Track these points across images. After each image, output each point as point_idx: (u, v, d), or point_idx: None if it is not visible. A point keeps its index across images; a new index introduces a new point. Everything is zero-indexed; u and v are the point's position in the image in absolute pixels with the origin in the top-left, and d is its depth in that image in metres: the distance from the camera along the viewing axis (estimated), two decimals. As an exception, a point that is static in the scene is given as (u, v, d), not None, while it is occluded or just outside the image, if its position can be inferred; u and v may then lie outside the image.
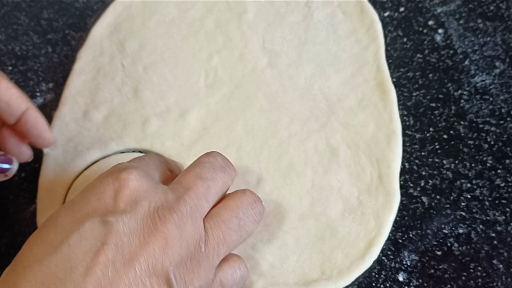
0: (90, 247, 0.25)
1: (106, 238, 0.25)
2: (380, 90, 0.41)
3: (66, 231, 0.25)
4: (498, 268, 0.35)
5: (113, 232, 0.25)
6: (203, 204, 0.29)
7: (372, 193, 0.37)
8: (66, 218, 0.26)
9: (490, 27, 0.45)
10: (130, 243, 0.25)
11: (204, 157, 0.32)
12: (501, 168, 0.38)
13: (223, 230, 0.29)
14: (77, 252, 0.24)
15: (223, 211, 0.30)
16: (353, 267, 0.35)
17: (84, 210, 0.26)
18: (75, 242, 0.25)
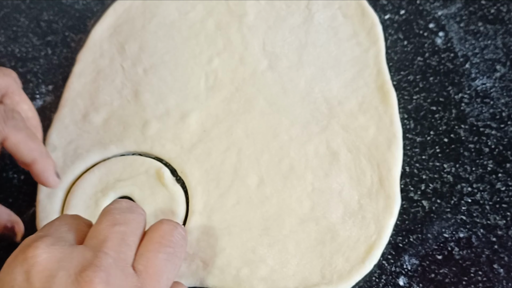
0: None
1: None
2: (381, 93, 0.41)
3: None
4: (499, 272, 0.35)
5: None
6: (125, 250, 0.27)
7: (372, 197, 0.37)
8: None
9: (490, 30, 0.45)
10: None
11: (109, 206, 0.30)
12: (502, 172, 0.38)
13: (156, 265, 0.27)
14: None
15: (150, 247, 0.28)
16: (354, 271, 0.34)
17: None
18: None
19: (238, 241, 0.36)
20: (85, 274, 0.24)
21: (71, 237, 0.28)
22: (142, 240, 0.29)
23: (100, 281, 0.24)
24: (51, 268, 0.24)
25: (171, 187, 0.38)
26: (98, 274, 0.24)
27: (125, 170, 0.40)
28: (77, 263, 0.25)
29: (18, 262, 0.25)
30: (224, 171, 0.39)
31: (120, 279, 0.25)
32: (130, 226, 0.28)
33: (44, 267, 0.24)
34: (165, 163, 0.40)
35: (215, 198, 0.38)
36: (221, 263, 0.35)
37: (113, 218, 0.28)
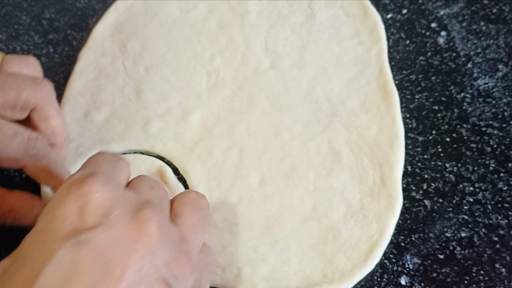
0: (70, 274, 0.22)
1: (87, 259, 0.22)
2: (383, 93, 0.41)
3: (40, 264, 0.23)
4: (501, 272, 0.35)
5: (92, 250, 0.23)
6: (166, 203, 0.28)
7: (374, 196, 0.37)
8: (35, 251, 0.23)
9: (493, 29, 0.45)
10: (116, 255, 0.23)
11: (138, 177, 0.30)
12: (504, 171, 0.38)
13: (193, 222, 0.28)
14: (58, 283, 0.22)
15: (183, 207, 0.29)
16: (355, 270, 0.34)
17: (51, 238, 0.23)
18: (51, 273, 0.22)
19: (240, 240, 0.36)
20: (144, 212, 0.24)
21: (118, 177, 0.28)
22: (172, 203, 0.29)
23: (156, 222, 0.24)
24: (107, 206, 0.24)
25: (173, 186, 0.38)
26: (154, 215, 0.25)
27: (127, 168, 0.39)
28: (131, 203, 0.25)
29: (71, 197, 0.24)
30: (226, 170, 0.39)
31: (167, 226, 0.26)
32: (163, 192, 0.29)
33: (99, 204, 0.24)
34: (167, 162, 0.40)
35: (216, 197, 0.38)
36: (222, 261, 0.35)
37: (148, 183, 0.28)
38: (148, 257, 0.24)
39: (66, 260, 0.22)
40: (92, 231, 0.23)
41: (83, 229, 0.23)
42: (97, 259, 0.22)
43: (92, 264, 0.22)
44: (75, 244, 0.23)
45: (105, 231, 0.23)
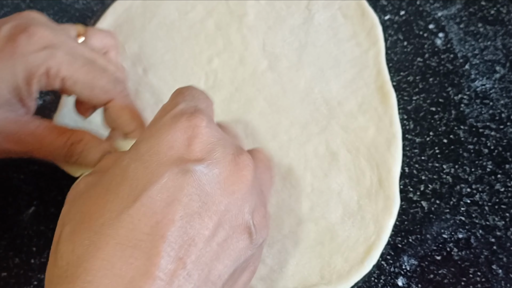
0: (173, 199, 0.23)
1: (189, 189, 0.23)
2: (380, 94, 0.41)
3: (143, 184, 0.23)
4: (498, 273, 0.35)
5: (195, 181, 0.23)
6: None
7: (372, 198, 0.37)
8: (139, 170, 0.24)
9: (490, 31, 0.45)
10: (213, 192, 0.24)
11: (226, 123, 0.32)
12: (501, 173, 0.38)
13: (265, 177, 0.30)
14: (161, 204, 0.23)
15: (258, 164, 0.29)
16: (353, 271, 0.35)
17: (157, 161, 0.24)
18: (156, 194, 0.23)
19: (237, 241, 0.36)
20: (243, 157, 0.26)
21: (213, 117, 0.29)
22: None
23: (250, 169, 0.25)
24: (212, 142, 0.25)
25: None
26: (251, 161, 0.26)
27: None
28: (232, 146, 0.26)
29: (181, 126, 0.25)
30: (224, 171, 0.39)
31: (256, 176, 0.27)
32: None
33: (207, 139, 0.25)
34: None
35: (214, 198, 0.38)
36: (220, 263, 0.35)
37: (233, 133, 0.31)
38: (239, 201, 0.25)
39: (171, 185, 0.23)
40: (197, 163, 0.24)
41: (189, 159, 0.24)
42: (197, 191, 0.23)
43: (192, 195, 0.23)
44: (180, 172, 0.23)
45: (208, 167, 0.24)
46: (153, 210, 0.22)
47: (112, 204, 0.23)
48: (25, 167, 0.40)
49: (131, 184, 0.23)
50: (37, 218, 0.38)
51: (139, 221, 0.22)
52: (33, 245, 0.37)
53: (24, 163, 0.41)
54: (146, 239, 0.22)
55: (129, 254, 0.22)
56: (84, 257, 0.22)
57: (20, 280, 0.36)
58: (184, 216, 0.23)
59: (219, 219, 0.24)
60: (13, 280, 0.36)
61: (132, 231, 0.22)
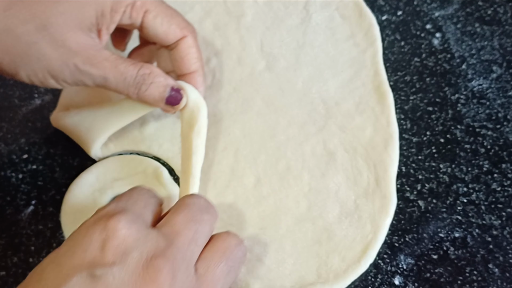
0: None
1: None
2: (378, 94, 0.41)
3: (53, 286, 0.24)
4: (494, 272, 0.35)
5: (102, 286, 0.24)
6: (194, 249, 0.28)
7: (369, 197, 0.37)
8: (52, 272, 0.25)
9: (487, 31, 0.45)
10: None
11: (189, 199, 0.30)
12: (498, 172, 0.39)
13: (215, 273, 0.28)
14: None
15: (214, 254, 0.29)
16: (350, 270, 0.35)
17: (70, 263, 0.25)
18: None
19: (235, 240, 0.36)
20: (156, 262, 0.25)
21: (148, 216, 0.29)
22: (207, 244, 0.29)
23: (167, 272, 0.25)
24: (127, 246, 0.25)
25: (168, 187, 0.39)
26: (167, 265, 0.25)
27: (123, 169, 0.40)
28: (150, 248, 0.26)
29: (97, 229, 0.26)
30: (221, 170, 0.39)
31: (183, 275, 0.26)
32: (203, 226, 0.29)
33: (121, 242, 0.25)
34: (163, 163, 0.40)
35: (212, 198, 0.38)
36: (218, 262, 0.35)
37: (190, 214, 0.29)
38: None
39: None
40: (107, 268, 0.24)
41: (100, 263, 0.24)
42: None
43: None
44: (89, 276, 0.24)
45: (118, 272, 0.24)
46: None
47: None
48: (23, 166, 0.41)
49: (43, 286, 0.24)
50: (36, 218, 0.39)
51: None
52: (31, 244, 0.37)
53: (22, 162, 0.41)
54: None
55: None
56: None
57: (18, 279, 0.36)
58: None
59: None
60: (11, 279, 0.36)
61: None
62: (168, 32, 0.36)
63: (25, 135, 0.40)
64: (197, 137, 0.36)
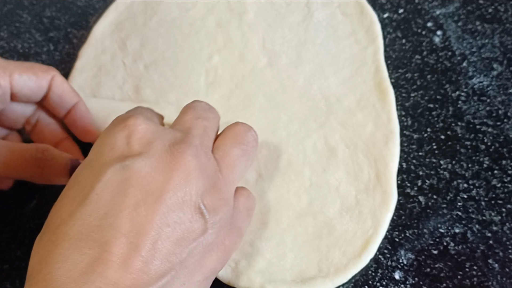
0: (117, 192, 0.25)
1: (130, 181, 0.25)
2: (379, 91, 0.42)
3: (90, 184, 0.26)
4: (494, 267, 0.35)
5: (135, 174, 0.26)
6: (207, 139, 0.30)
7: (369, 192, 0.37)
8: (86, 174, 0.27)
9: (488, 29, 0.45)
10: (155, 180, 0.26)
11: (192, 103, 0.33)
12: (498, 168, 0.39)
13: (231, 156, 0.30)
14: (106, 198, 0.25)
15: (226, 141, 0.31)
16: (350, 265, 0.35)
17: (101, 161, 0.27)
18: (101, 190, 0.25)
19: (236, 234, 0.36)
20: (178, 146, 0.27)
21: (156, 120, 0.31)
22: (217, 137, 0.32)
23: (191, 154, 0.27)
24: (149, 137, 0.28)
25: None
26: (189, 148, 0.27)
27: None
28: (170, 137, 0.28)
29: (119, 128, 0.28)
30: (223, 166, 0.39)
31: (204, 158, 0.28)
32: (210, 121, 0.31)
33: (143, 134, 0.28)
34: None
35: (214, 193, 0.38)
36: (219, 256, 0.36)
37: (196, 113, 0.31)
38: (182, 185, 0.26)
39: (113, 180, 0.25)
40: (135, 158, 0.26)
41: (128, 155, 0.27)
42: (139, 182, 0.25)
43: (135, 186, 0.25)
44: (121, 168, 0.26)
45: (146, 159, 0.26)
46: (100, 204, 0.25)
47: (65, 206, 0.26)
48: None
49: (79, 186, 0.26)
50: (39, 212, 0.39)
51: (89, 216, 0.25)
52: (34, 238, 0.37)
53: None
54: (97, 230, 0.24)
55: (82, 245, 0.24)
56: (45, 255, 0.24)
57: (21, 273, 0.37)
58: (129, 205, 0.25)
59: (166, 203, 0.25)
60: (15, 272, 0.37)
61: (83, 226, 0.24)
62: (39, 81, 0.36)
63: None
64: None
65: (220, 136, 0.32)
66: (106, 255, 0.23)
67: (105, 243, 0.24)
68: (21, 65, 0.36)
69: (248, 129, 0.33)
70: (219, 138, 0.31)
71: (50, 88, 0.37)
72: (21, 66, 0.36)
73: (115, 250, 0.24)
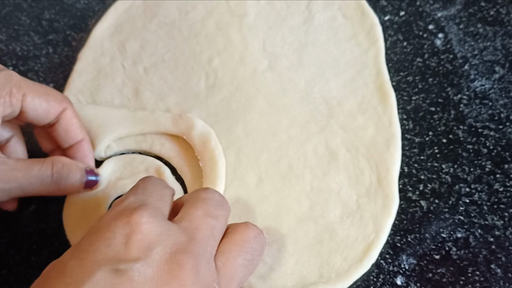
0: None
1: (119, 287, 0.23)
2: (380, 94, 0.41)
3: (76, 283, 0.23)
4: (496, 272, 0.35)
5: (127, 281, 0.24)
6: (212, 243, 0.28)
7: (371, 197, 0.37)
8: (75, 267, 0.24)
9: (490, 32, 0.45)
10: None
11: (205, 193, 0.30)
12: (500, 172, 0.38)
13: (234, 267, 0.28)
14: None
15: (232, 247, 0.29)
16: (352, 270, 0.35)
17: (93, 258, 0.24)
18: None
19: (237, 239, 0.36)
20: (180, 257, 0.25)
21: (165, 209, 0.29)
22: (224, 236, 0.29)
23: (191, 267, 0.25)
24: (150, 241, 0.25)
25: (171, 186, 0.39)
26: (190, 260, 0.25)
27: (125, 168, 0.40)
28: (173, 243, 0.26)
29: (120, 223, 0.26)
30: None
31: (205, 269, 0.26)
32: (220, 221, 0.29)
33: (145, 237, 0.25)
34: (165, 162, 0.40)
35: (214, 197, 0.38)
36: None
37: (207, 209, 0.29)
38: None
39: (102, 284, 0.23)
40: (132, 263, 0.24)
41: (124, 259, 0.24)
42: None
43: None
44: (114, 271, 0.24)
45: (143, 267, 0.24)
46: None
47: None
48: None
49: (66, 282, 0.24)
50: (38, 216, 0.39)
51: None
52: (33, 243, 0.37)
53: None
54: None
55: None
56: None
57: (20, 278, 0.36)
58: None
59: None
60: (13, 277, 0.36)
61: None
62: (49, 110, 0.35)
63: (28, 134, 0.40)
64: (216, 148, 0.39)
65: (227, 238, 0.29)
66: None
67: None
68: (36, 88, 0.35)
69: (258, 234, 0.30)
70: (225, 241, 0.29)
71: (58, 120, 0.36)
72: (36, 88, 0.35)
73: None
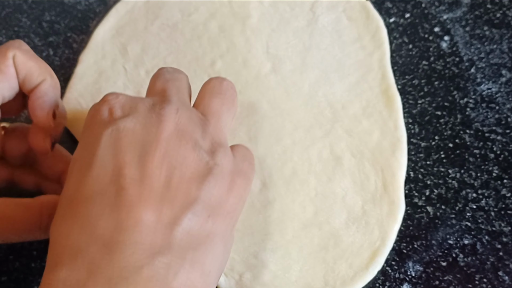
0: (116, 152, 0.27)
1: (128, 137, 0.27)
2: (385, 97, 0.41)
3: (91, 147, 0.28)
4: (504, 280, 0.34)
5: (129, 131, 0.28)
6: (183, 95, 0.32)
7: (376, 202, 0.37)
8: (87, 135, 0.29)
9: (496, 34, 0.45)
10: (149, 132, 0.28)
11: (156, 72, 0.34)
12: (507, 178, 0.38)
13: (213, 107, 0.31)
14: (109, 158, 0.27)
15: (203, 97, 0.32)
16: (357, 277, 0.34)
17: (94, 134, 0.28)
18: (103, 153, 0.27)
19: (241, 245, 0.36)
20: (159, 105, 0.29)
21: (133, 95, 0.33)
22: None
23: (173, 108, 0.29)
24: (130, 103, 0.29)
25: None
26: (170, 104, 0.29)
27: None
28: (149, 101, 0.30)
29: (100, 104, 0.30)
30: (227, 174, 0.39)
31: (188, 111, 0.30)
32: (180, 81, 0.33)
33: (124, 103, 0.29)
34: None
35: (217, 202, 0.37)
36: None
37: (164, 77, 0.32)
38: (175, 132, 0.28)
39: (111, 142, 0.27)
40: (124, 119, 0.28)
41: (117, 119, 0.28)
42: (134, 138, 0.28)
43: (131, 142, 0.27)
44: (113, 130, 0.28)
45: (134, 118, 0.28)
46: (105, 164, 0.27)
47: (76, 172, 0.28)
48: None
49: (86, 147, 0.28)
50: (38, 221, 0.38)
51: (97, 175, 0.27)
52: (33, 249, 0.37)
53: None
54: (109, 185, 0.26)
55: (99, 200, 0.26)
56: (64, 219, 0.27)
57: (20, 284, 0.36)
58: (133, 158, 0.27)
59: (164, 149, 0.27)
60: (13, 284, 0.36)
61: (96, 185, 0.26)
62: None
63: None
64: None
65: (198, 95, 0.33)
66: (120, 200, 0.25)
67: (119, 190, 0.26)
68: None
69: (222, 80, 0.33)
70: (197, 97, 0.33)
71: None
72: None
73: (129, 188, 0.26)
